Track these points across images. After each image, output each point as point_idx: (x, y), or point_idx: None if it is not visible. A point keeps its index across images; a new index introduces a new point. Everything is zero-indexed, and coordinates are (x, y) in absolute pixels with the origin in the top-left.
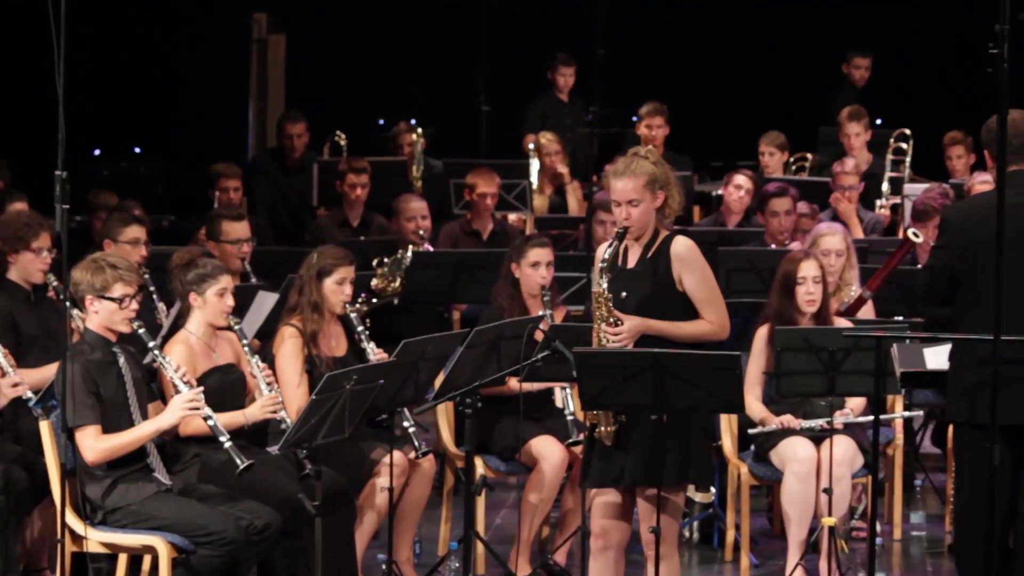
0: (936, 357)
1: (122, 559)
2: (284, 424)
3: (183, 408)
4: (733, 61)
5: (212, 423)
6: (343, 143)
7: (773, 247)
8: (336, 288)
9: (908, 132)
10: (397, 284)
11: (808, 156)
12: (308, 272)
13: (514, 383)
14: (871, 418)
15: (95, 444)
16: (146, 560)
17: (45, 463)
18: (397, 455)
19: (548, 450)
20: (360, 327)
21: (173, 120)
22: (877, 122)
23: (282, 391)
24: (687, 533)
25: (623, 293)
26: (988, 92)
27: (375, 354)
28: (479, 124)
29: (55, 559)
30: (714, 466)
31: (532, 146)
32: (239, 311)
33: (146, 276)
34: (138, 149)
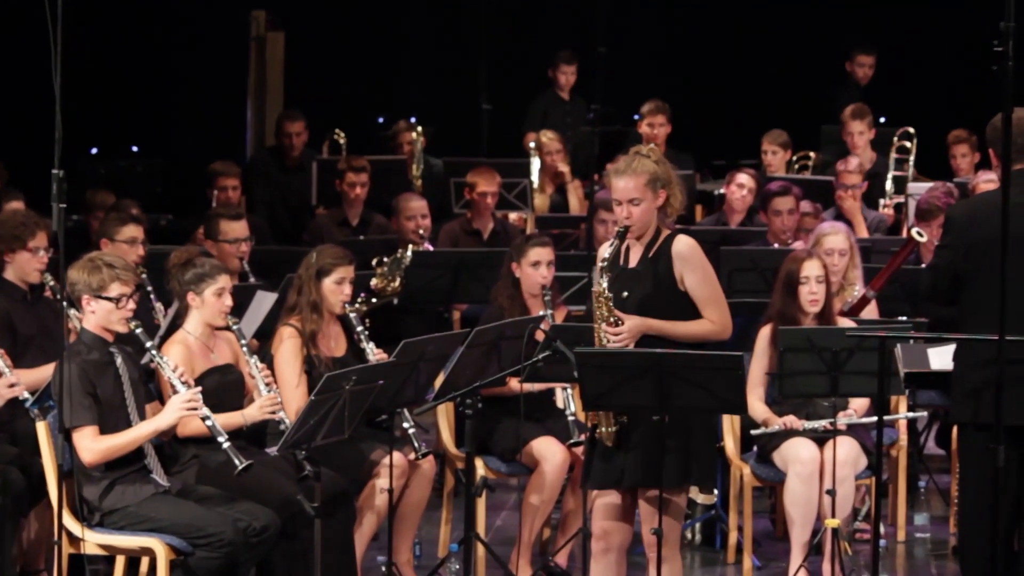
0: (940, 357)
1: (120, 561)
2: (283, 425)
3: (181, 408)
4: (735, 59)
5: (210, 423)
6: (342, 141)
7: (776, 246)
8: (335, 288)
9: (912, 130)
10: (397, 284)
11: (811, 155)
12: (307, 272)
13: (515, 383)
14: (875, 419)
15: (92, 445)
16: (144, 562)
17: (42, 464)
18: (397, 456)
19: (549, 451)
20: (359, 327)
21: (171, 118)
22: (881, 120)
23: (281, 392)
24: (689, 535)
25: (624, 293)
26: (993, 90)
27: (375, 354)
28: (479, 122)
29: (52, 561)
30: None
31: (533, 145)
32: (237, 311)
33: (144, 276)
34: (136, 148)
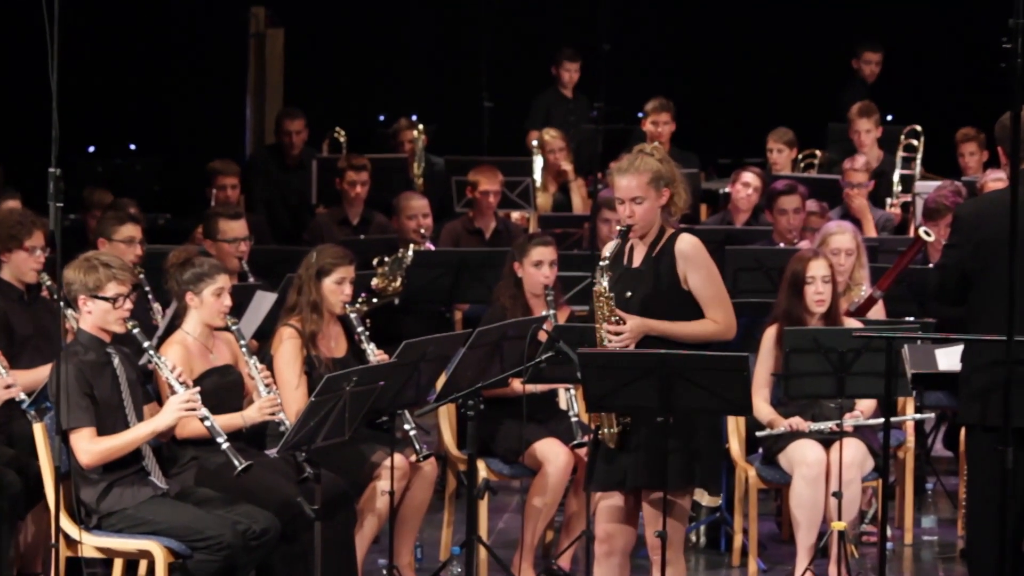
0: (948, 358)
1: (117, 564)
2: (283, 426)
3: (179, 409)
4: (741, 56)
5: (209, 424)
6: (342, 140)
7: (781, 246)
8: (335, 288)
9: (919, 128)
10: (398, 284)
11: (817, 153)
12: (307, 271)
13: (517, 384)
14: (882, 420)
15: (90, 447)
16: (142, 565)
17: (39, 466)
18: (398, 458)
19: (552, 453)
20: (360, 327)
21: (169, 116)
22: (888, 118)
23: (281, 393)
24: (694, 537)
25: (628, 293)
26: (1001, 87)
27: (375, 355)
28: (481, 120)
29: (49, 564)
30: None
31: (536, 143)
32: (237, 311)
33: (141, 276)
34: (134, 146)
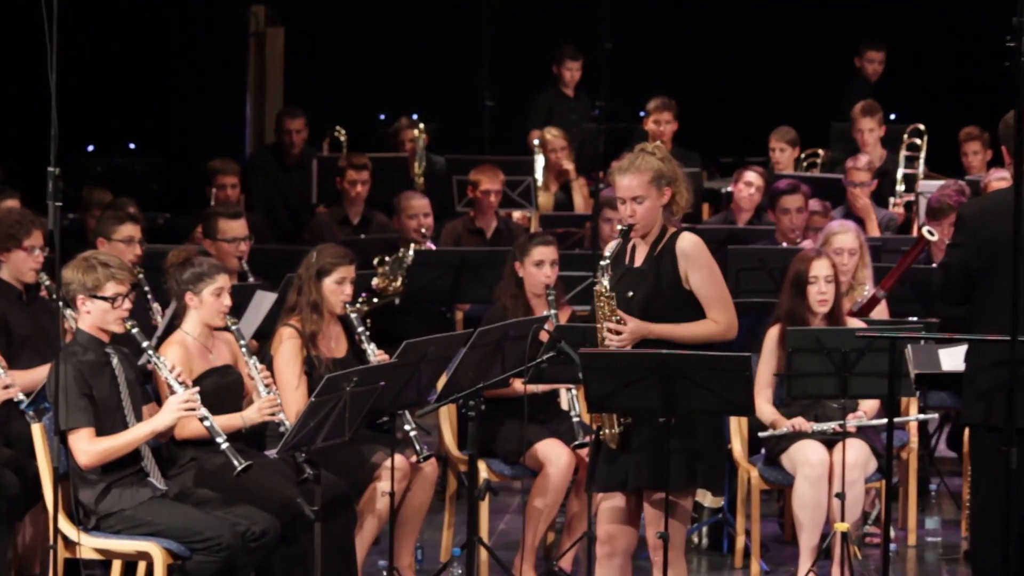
0: (951, 358)
1: (116, 565)
2: (283, 427)
3: (178, 409)
4: (743, 55)
5: (208, 424)
6: (343, 139)
7: (784, 245)
8: (336, 288)
9: (923, 127)
10: (398, 283)
11: (820, 152)
12: (307, 271)
13: (518, 385)
14: (885, 421)
15: (89, 447)
16: (141, 566)
17: (37, 467)
18: (398, 459)
19: (554, 453)
20: (360, 328)
21: (169, 115)
22: (891, 117)
23: (280, 393)
24: (696, 539)
25: (629, 292)
26: (1005, 86)
27: (376, 355)
28: (483, 119)
29: (47, 566)
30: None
31: (537, 142)
32: (236, 311)
33: (141, 275)
34: (133, 145)
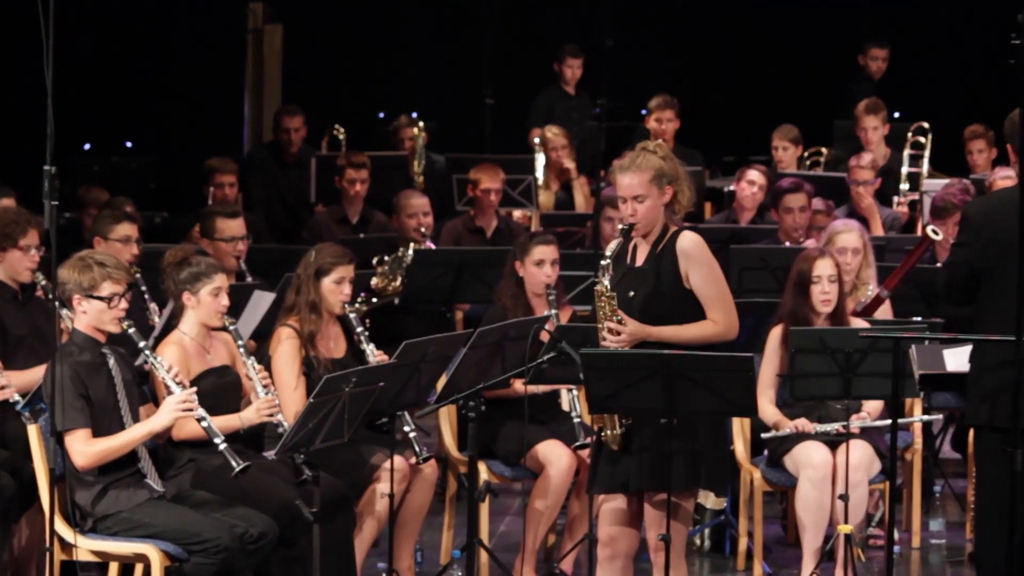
0: (956, 359)
1: (113, 568)
2: (281, 428)
3: (176, 409)
4: (746, 52)
5: (206, 424)
6: (342, 137)
7: (787, 245)
8: (335, 287)
9: (927, 126)
10: (398, 283)
11: (823, 151)
12: (306, 271)
13: (519, 385)
14: (889, 422)
15: (85, 448)
16: (138, 569)
17: (33, 468)
18: (398, 460)
19: (555, 454)
20: (359, 328)
21: (166, 113)
22: (895, 115)
23: (279, 394)
24: (698, 541)
25: (630, 292)
26: (1010, 84)
27: (375, 356)
28: (483, 117)
29: (43, 568)
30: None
31: (538, 140)
32: (234, 311)
33: (138, 275)
34: (130, 143)
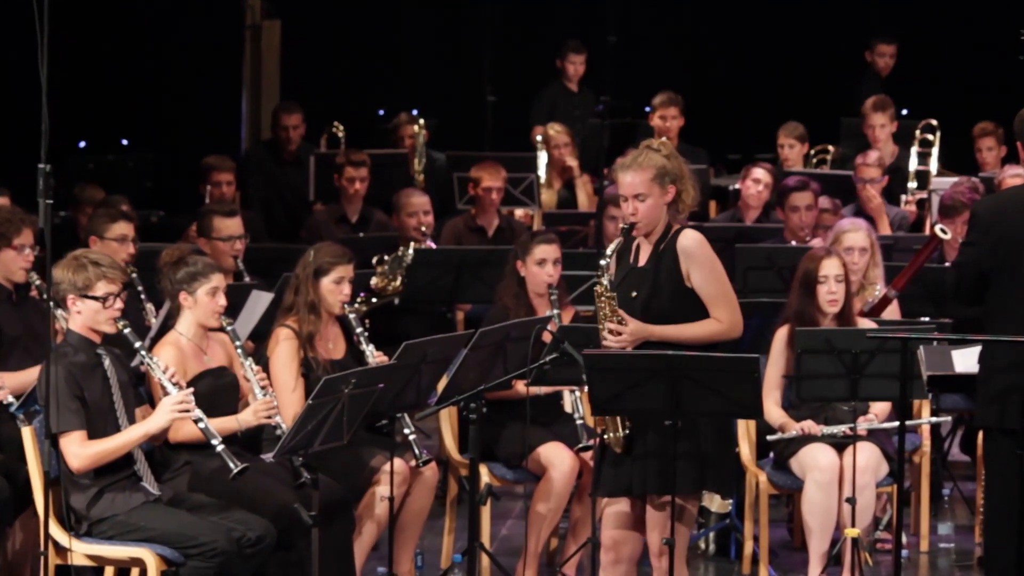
0: (965, 360)
1: (109, 572)
2: (279, 430)
3: (172, 410)
4: (751, 49)
5: (203, 425)
6: (341, 135)
7: (793, 244)
8: (334, 287)
9: (935, 123)
10: (398, 283)
11: (830, 148)
12: (304, 271)
13: (521, 387)
14: (896, 424)
15: (80, 450)
16: (134, 573)
17: (27, 471)
18: (398, 463)
19: (557, 457)
20: (359, 328)
21: (163, 111)
22: (903, 112)
23: (277, 395)
24: (703, 544)
25: (633, 292)
26: (1020, 80)
27: (375, 356)
28: (484, 115)
29: (38, 572)
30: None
31: (540, 138)
32: (232, 311)
33: (134, 275)
34: (126, 141)
